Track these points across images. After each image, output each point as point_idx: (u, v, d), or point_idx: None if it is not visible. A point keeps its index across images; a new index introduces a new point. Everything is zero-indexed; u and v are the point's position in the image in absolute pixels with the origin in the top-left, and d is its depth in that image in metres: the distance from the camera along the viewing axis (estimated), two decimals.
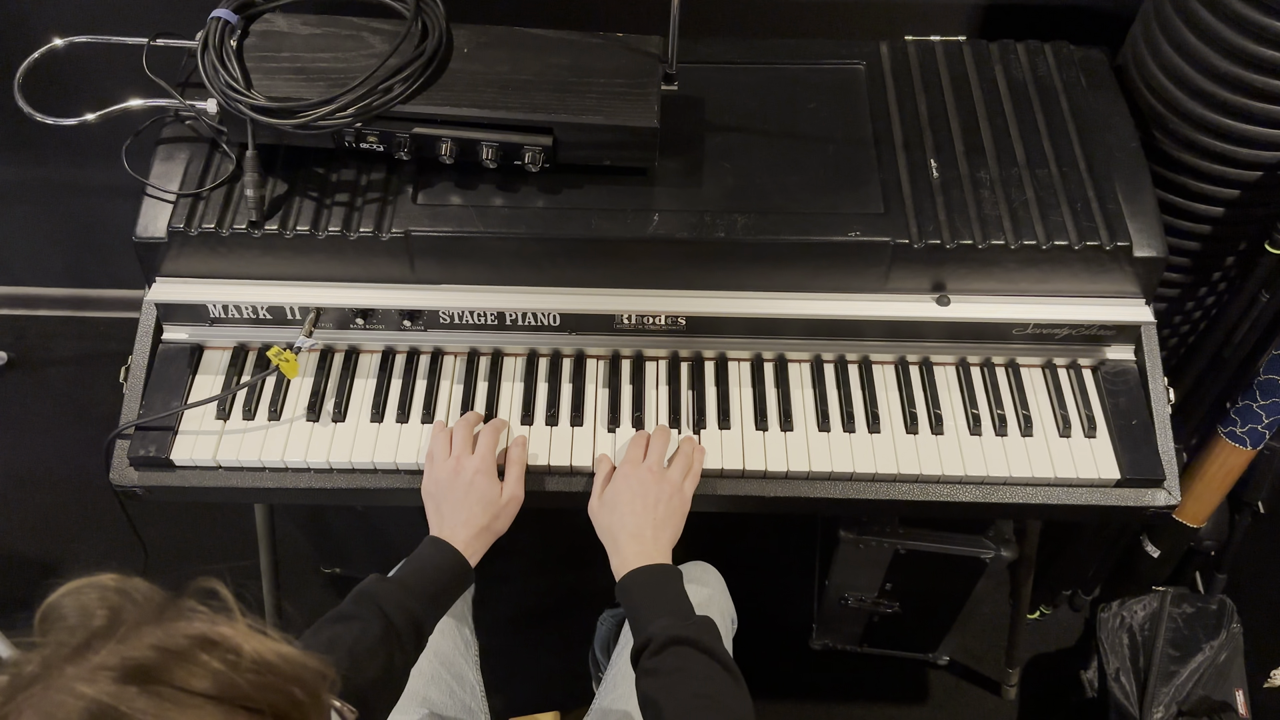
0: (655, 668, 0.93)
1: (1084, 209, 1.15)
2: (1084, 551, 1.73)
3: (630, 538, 1.04)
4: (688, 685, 0.92)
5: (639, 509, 1.05)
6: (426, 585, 1.01)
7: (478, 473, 1.07)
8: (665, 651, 0.93)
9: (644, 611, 0.99)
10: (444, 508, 1.07)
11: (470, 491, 1.06)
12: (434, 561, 1.03)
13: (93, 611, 0.59)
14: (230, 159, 1.16)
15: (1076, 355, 1.21)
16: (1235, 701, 1.54)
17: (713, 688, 0.92)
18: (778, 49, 1.30)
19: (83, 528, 1.95)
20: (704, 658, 0.94)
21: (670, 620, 0.96)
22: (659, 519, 1.06)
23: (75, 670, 0.55)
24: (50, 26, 1.23)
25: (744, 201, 1.15)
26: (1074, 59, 1.29)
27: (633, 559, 1.02)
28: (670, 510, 1.07)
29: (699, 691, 0.91)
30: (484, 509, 1.06)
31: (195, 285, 1.17)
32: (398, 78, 1.07)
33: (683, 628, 0.95)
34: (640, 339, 1.21)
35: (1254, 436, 1.43)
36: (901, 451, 1.15)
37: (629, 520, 1.05)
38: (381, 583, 0.98)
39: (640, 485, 1.07)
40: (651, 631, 0.95)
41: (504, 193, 1.15)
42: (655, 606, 0.99)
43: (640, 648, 0.96)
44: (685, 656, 0.93)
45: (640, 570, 1.01)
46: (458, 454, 1.09)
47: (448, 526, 1.05)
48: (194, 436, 1.15)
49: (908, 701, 1.80)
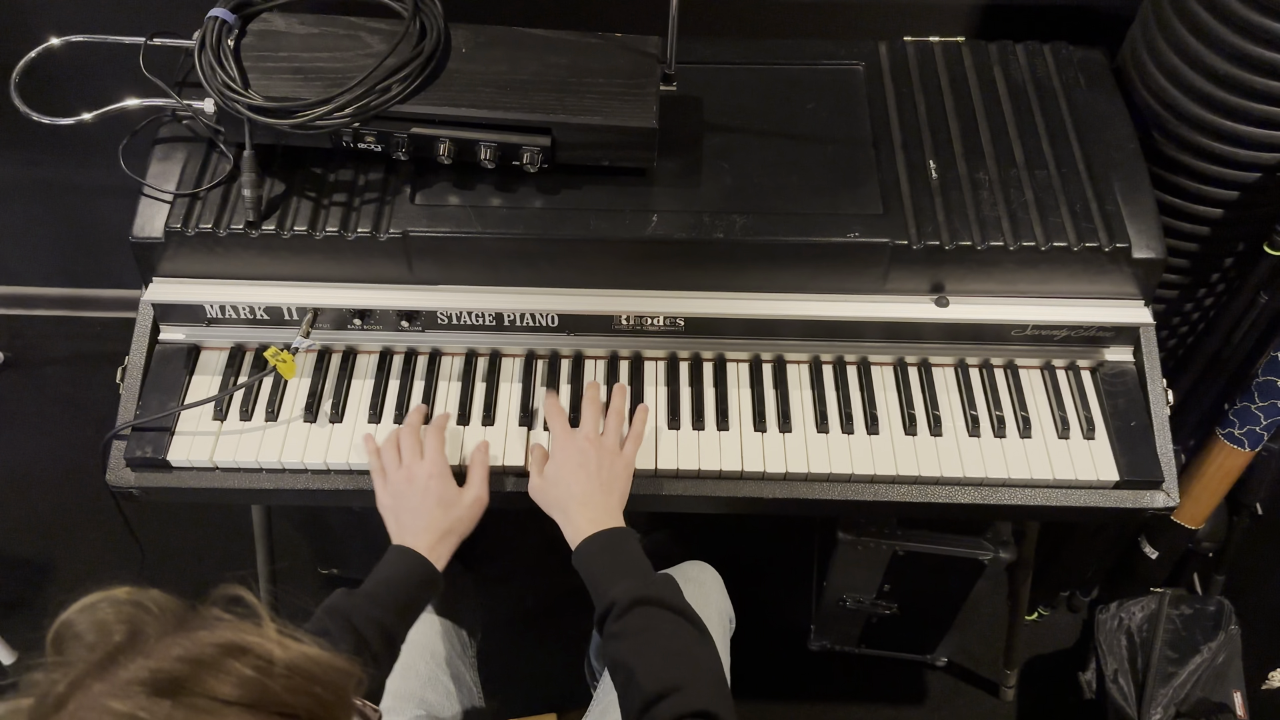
0: (622, 630, 0.93)
1: (1083, 210, 1.15)
2: (1082, 553, 1.73)
3: (580, 506, 1.04)
4: (656, 643, 0.92)
5: (582, 477, 1.06)
6: (395, 595, 1.00)
7: (431, 477, 1.07)
8: (630, 613, 0.93)
9: (603, 576, 0.99)
10: (403, 516, 1.06)
11: (427, 497, 1.06)
12: (400, 570, 1.02)
13: (111, 626, 0.58)
14: (228, 159, 1.15)
15: (1075, 357, 1.21)
16: (1233, 703, 1.54)
17: (680, 643, 0.93)
18: (776, 49, 1.30)
19: (79, 528, 1.94)
20: (669, 614, 0.94)
21: (631, 582, 0.96)
22: (605, 482, 1.06)
23: (104, 687, 0.54)
24: (47, 25, 1.22)
25: (743, 202, 1.15)
26: (1073, 60, 1.29)
27: (586, 526, 1.02)
28: (614, 474, 1.07)
29: (668, 649, 0.92)
30: (444, 512, 1.06)
31: (192, 285, 1.16)
32: (396, 78, 1.07)
33: (644, 587, 0.96)
34: (638, 340, 1.20)
35: (1252, 438, 1.43)
36: (900, 453, 1.15)
37: (575, 489, 1.05)
38: (349, 597, 0.98)
39: (580, 454, 1.07)
40: (614, 595, 0.95)
41: (502, 193, 1.15)
42: (614, 570, 0.99)
43: (604, 613, 0.96)
44: (650, 616, 0.94)
45: (595, 536, 1.02)
46: (408, 462, 1.09)
47: (409, 534, 1.05)
48: (191, 437, 1.14)
49: (906, 703, 1.79)
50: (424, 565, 1.03)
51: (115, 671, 0.55)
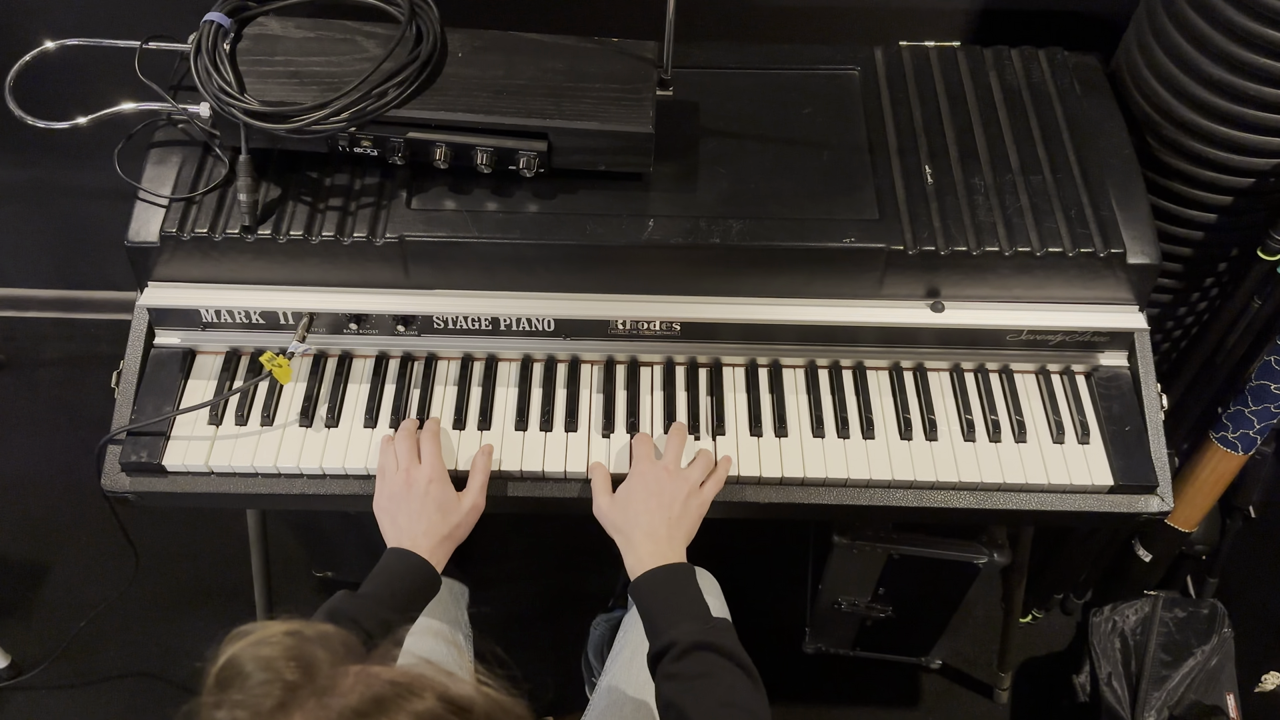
0: (679, 672, 0.93)
1: (1078, 215, 1.15)
2: (1076, 555, 1.74)
3: (645, 536, 1.03)
4: (714, 692, 0.91)
5: (654, 507, 1.04)
6: (397, 597, 1.00)
7: (431, 481, 1.06)
8: (688, 657, 0.93)
9: (662, 614, 0.98)
10: (401, 520, 1.05)
11: (426, 501, 1.05)
12: (400, 572, 1.02)
13: (279, 663, 0.58)
14: (223, 163, 1.15)
15: (1070, 361, 1.21)
16: (1226, 705, 1.54)
17: (738, 695, 0.92)
18: (772, 54, 1.30)
19: (73, 531, 1.93)
20: (728, 663, 0.93)
21: (692, 624, 0.96)
22: (674, 517, 1.04)
23: None
24: (42, 29, 1.22)
25: (739, 207, 1.15)
26: (1068, 65, 1.29)
27: (648, 558, 1.01)
28: (686, 510, 1.06)
29: (725, 699, 0.91)
30: (443, 517, 1.06)
31: (188, 290, 1.16)
32: (392, 82, 1.07)
33: (705, 632, 0.95)
34: (635, 344, 1.21)
35: (1245, 442, 1.44)
36: (895, 457, 1.15)
37: (643, 519, 1.04)
38: (353, 599, 0.97)
39: (656, 483, 1.06)
40: (674, 636, 0.94)
41: (499, 198, 1.15)
42: (674, 609, 0.98)
43: (660, 651, 0.95)
44: (709, 662, 0.93)
45: (657, 571, 1.00)
46: (405, 466, 1.08)
47: (407, 537, 1.04)
48: (186, 442, 1.14)
49: (900, 705, 1.80)
50: (425, 567, 1.03)
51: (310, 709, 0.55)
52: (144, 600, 1.81)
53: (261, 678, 0.57)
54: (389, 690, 0.56)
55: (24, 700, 1.76)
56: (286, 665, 0.58)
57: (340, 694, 0.56)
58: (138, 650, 1.80)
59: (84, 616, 1.76)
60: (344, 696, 0.56)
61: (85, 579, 1.88)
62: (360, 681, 0.57)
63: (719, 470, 1.11)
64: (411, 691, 0.57)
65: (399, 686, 0.57)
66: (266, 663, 0.58)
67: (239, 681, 0.58)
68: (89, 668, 1.78)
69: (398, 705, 0.56)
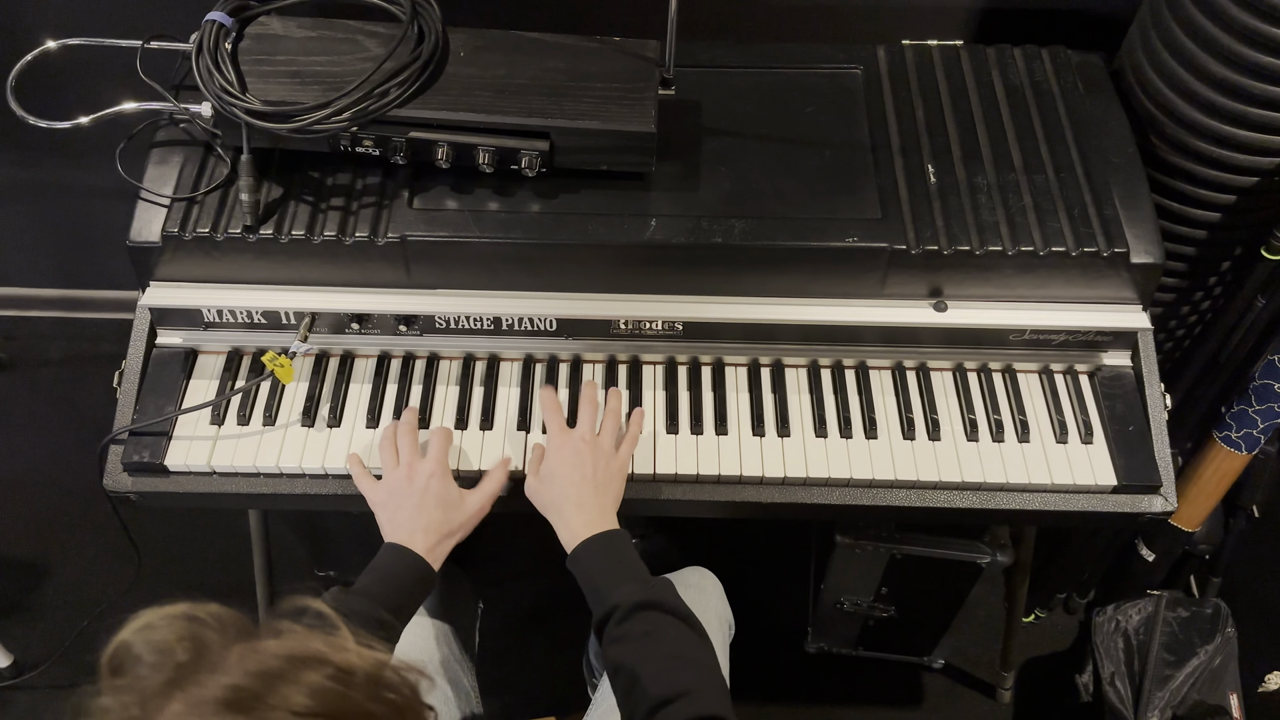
0: (624, 634, 0.93)
1: (1081, 215, 1.15)
2: (1079, 555, 1.73)
3: (575, 508, 1.03)
4: (660, 647, 0.92)
5: (577, 478, 1.05)
6: (392, 594, 0.99)
7: (432, 476, 1.06)
8: (632, 617, 0.93)
9: (602, 580, 0.98)
10: (400, 515, 1.05)
11: (427, 496, 1.05)
12: (397, 569, 1.01)
13: (171, 645, 0.57)
14: (225, 163, 1.15)
15: (1073, 361, 1.21)
16: (1229, 705, 1.54)
17: (685, 647, 0.93)
18: (775, 53, 1.30)
19: (75, 530, 1.94)
20: (671, 619, 0.94)
21: (632, 585, 0.96)
22: (599, 484, 1.05)
23: (178, 707, 0.54)
24: (43, 28, 1.22)
25: (741, 206, 1.15)
26: (1071, 64, 1.29)
27: (581, 529, 1.02)
28: (609, 474, 1.06)
29: (672, 653, 0.92)
30: (444, 513, 1.05)
31: (189, 290, 1.16)
32: (394, 82, 1.07)
33: (646, 591, 0.96)
34: (637, 344, 1.20)
35: (1249, 441, 1.43)
36: (898, 457, 1.15)
37: (570, 490, 1.04)
38: (346, 594, 0.97)
39: (575, 454, 1.06)
40: (616, 599, 0.95)
41: (500, 197, 1.15)
42: (612, 575, 0.98)
43: (604, 617, 0.96)
44: (653, 620, 0.94)
45: (591, 540, 1.01)
46: (408, 460, 1.07)
47: (405, 533, 1.03)
48: (188, 442, 1.14)
49: (903, 705, 1.80)
50: (421, 564, 1.02)
51: (186, 689, 0.54)
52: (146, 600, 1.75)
53: (152, 660, 0.57)
54: (276, 664, 0.56)
55: (26, 700, 1.76)
56: (179, 645, 0.57)
57: (225, 671, 0.55)
58: None
59: (86, 616, 1.76)
60: (228, 674, 0.55)
61: (87, 579, 1.88)
62: (246, 657, 0.56)
63: (631, 427, 1.12)
64: (301, 664, 0.56)
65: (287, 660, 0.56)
66: (158, 645, 0.57)
67: (130, 666, 0.57)
68: (91, 667, 1.77)
69: (286, 678, 0.55)
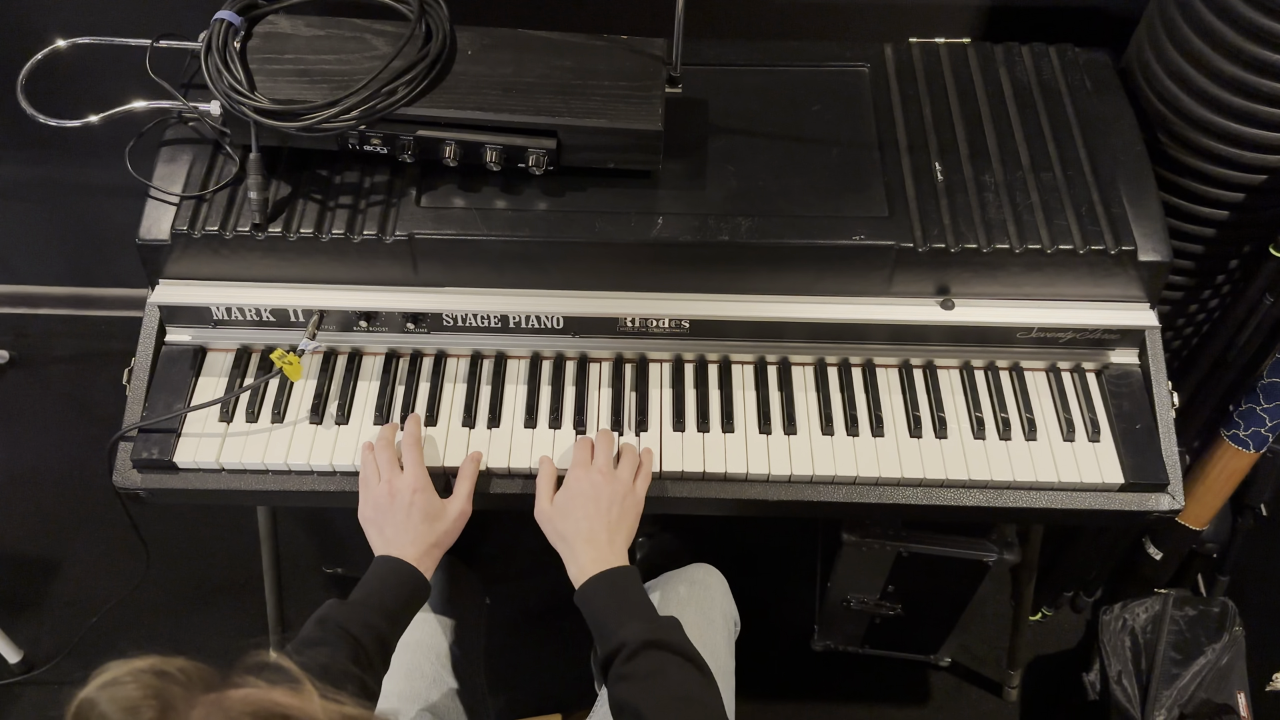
0: (630, 673, 0.93)
1: (1088, 213, 1.14)
2: (1086, 553, 1.73)
3: (586, 543, 1.03)
4: (666, 688, 0.92)
5: (592, 512, 1.04)
6: (386, 604, 1.00)
7: (415, 491, 1.06)
8: (639, 656, 0.93)
9: (609, 618, 0.98)
10: (388, 530, 1.06)
11: (412, 511, 1.05)
12: (390, 580, 1.02)
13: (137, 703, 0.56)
14: (234, 161, 1.15)
15: (1080, 359, 1.21)
16: (1237, 704, 1.54)
17: (690, 688, 0.93)
18: (782, 51, 1.30)
19: (84, 527, 1.95)
20: (678, 659, 0.94)
21: (640, 624, 0.96)
22: (613, 521, 1.05)
23: None
24: (53, 27, 1.23)
25: (748, 204, 1.15)
26: (1078, 62, 1.28)
27: (590, 565, 1.02)
28: (624, 511, 1.06)
29: (678, 694, 0.92)
30: (430, 526, 1.06)
31: (198, 287, 1.17)
32: (401, 80, 1.07)
33: (653, 630, 0.95)
34: (644, 342, 1.21)
35: (1257, 439, 1.43)
36: (905, 455, 1.15)
37: (583, 525, 1.04)
38: (341, 606, 0.98)
39: (593, 488, 1.06)
40: (623, 637, 0.95)
41: (508, 195, 1.15)
42: (620, 612, 0.98)
43: (611, 654, 0.95)
44: (660, 660, 0.93)
45: (600, 576, 1.01)
46: (387, 477, 1.08)
47: (395, 546, 1.04)
48: (197, 439, 1.15)
49: (909, 703, 1.80)
50: (413, 574, 1.03)
51: None
52: (155, 596, 1.82)
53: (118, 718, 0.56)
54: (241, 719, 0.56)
55: (36, 695, 1.78)
56: (145, 704, 0.56)
57: None
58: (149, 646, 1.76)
59: (95, 612, 1.77)
60: None
61: (96, 575, 1.89)
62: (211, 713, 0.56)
63: (644, 465, 1.11)
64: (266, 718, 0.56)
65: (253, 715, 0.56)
66: (124, 703, 0.57)
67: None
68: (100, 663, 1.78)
69: None
